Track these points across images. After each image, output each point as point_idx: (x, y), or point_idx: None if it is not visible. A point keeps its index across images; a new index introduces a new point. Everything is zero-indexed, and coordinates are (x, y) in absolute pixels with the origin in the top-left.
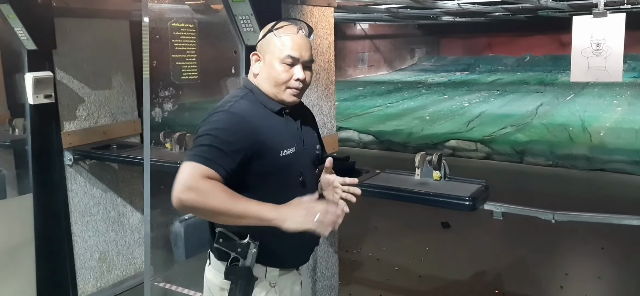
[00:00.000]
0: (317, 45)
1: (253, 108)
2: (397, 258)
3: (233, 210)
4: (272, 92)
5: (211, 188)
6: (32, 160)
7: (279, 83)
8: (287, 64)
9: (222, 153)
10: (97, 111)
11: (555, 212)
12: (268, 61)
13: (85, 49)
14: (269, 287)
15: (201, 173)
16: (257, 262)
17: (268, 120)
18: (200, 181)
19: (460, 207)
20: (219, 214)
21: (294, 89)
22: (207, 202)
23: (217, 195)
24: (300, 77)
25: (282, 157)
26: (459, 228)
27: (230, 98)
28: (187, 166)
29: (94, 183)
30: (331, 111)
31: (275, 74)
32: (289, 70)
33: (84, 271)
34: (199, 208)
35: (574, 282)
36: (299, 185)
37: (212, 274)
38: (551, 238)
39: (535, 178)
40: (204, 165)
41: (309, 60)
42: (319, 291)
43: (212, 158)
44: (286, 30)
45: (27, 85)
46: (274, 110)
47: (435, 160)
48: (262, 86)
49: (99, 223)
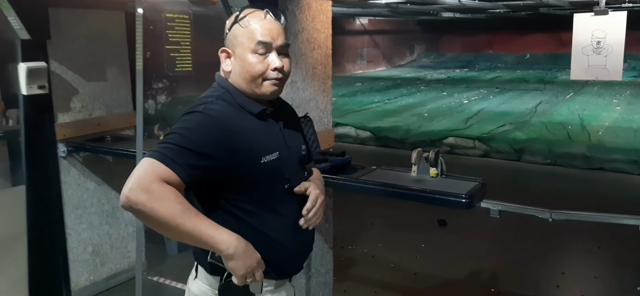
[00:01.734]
0: (315, 39)
1: (230, 111)
2: (393, 255)
3: (183, 227)
4: (249, 89)
5: (165, 194)
6: (25, 151)
7: (255, 77)
8: (259, 53)
9: (187, 154)
10: (91, 103)
11: (552, 211)
12: (239, 55)
13: (80, 40)
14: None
15: (159, 173)
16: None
17: (247, 124)
18: (155, 183)
19: (457, 205)
20: (165, 226)
21: (273, 80)
22: (156, 210)
23: (169, 204)
24: (277, 65)
25: (264, 164)
26: (456, 226)
27: (206, 97)
28: (146, 162)
29: (88, 175)
30: (327, 106)
31: (248, 68)
32: (264, 60)
33: (77, 264)
34: (146, 214)
35: (571, 281)
36: (286, 192)
37: (200, 288)
38: (548, 236)
39: (533, 177)
40: (163, 164)
41: (284, 45)
42: (313, 288)
43: (175, 158)
44: (253, 17)
45: (20, 76)
46: (254, 112)
47: (432, 157)
48: (238, 84)
49: (92, 216)
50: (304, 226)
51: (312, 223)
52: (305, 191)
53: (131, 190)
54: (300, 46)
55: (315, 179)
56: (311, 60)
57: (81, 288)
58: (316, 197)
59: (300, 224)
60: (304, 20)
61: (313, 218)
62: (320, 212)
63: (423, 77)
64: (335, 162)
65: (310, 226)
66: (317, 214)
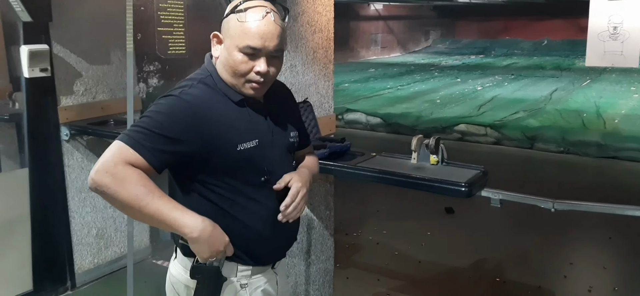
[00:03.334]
0: (316, 22)
1: (209, 95)
2: (398, 242)
3: (145, 209)
4: (230, 82)
5: (128, 176)
6: (27, 134)
7: (237, 75)
8: (247, 54)
9: (156, 138)
10: (95, 86)
11: (555, 201)
12: (227, 46)
13: (82, 23)
14: (239, 288)
15: (124, 156)
16: (228, 260)
17: (225, 110)
18: (119, 165)
19: (456, 193)
20: (128, 208)
21: (254, 83)
22: (119, 192)
23: (132, 186)
24: (261, 70)
25: (240, 152)
26: (463, 214)
27: (188, 80)
28: (114, 146)
29: (91, 159)
30: (329, 91)
31: (232, 64)
32: (249, 62)
33: (80, 247)
34: (110, 196)
35: (578, 272)
36: (261, 186)
37: (177, 270)
38: (557, 226)
39: (544, 165)
40: (130, 147)
41: (276, 50)
42: (312, 274)
43: (142, 142)
44: (250, 14)
45: (22, 58)
46: (234, 100)
47: (433, 143)
48: (221, 72)
49: (96, 199)
50: (283, 221)
51: (292, 217)
52: (287, 185)
53: (96, 172)
54: (300, 29)
55: (303, 169)
56: (312, 43)
57: (85, 271)
58: (297, 191)
59: (279, 219)
60: (304, 3)
61: (292, 213)
62: (301, 206)
63: (437, 63)
64: (333, 149)
65: (290, 219)
66: (296, 208)
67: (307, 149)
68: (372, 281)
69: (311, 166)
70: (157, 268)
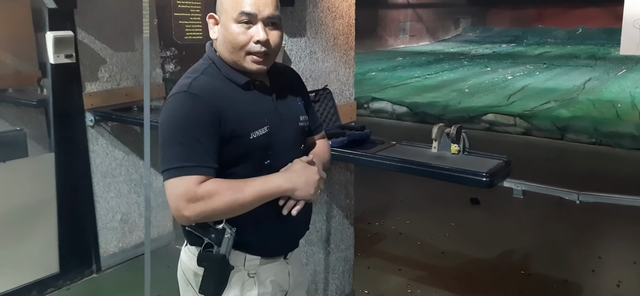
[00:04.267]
0: (337, 7)
1: (215, 85)
2: (421, 232)
3: (245, 200)
4: (232, 60)
5: (212, 191)
6: (53, 119)
7: (237, 48)
8: (243, 22)
9: (200, 147)
10: (119, 73)
11: (580, 193)
12: (223, 22)
13: (107, 9)
14: (247, 277)
15: (193, 183)
16: (236, 249)
17: (234, 96)
18: (195, 190)
19: (476, 184)
20: (231, 211)
21: (255, 55)
22: (216, 207)
23: (222, 195)
24: (260, 38)
25: (253, 140)
26: (489, 204)
27: (191, 73)
28: (175, 183)
29: (116, 145)
30: (350, 78)
31: (230, 38)
32: (247, 31)
33: (105, 232)
34: (211, 215)
35: (607, 266)
36: (265, 170)
37: (188, 257)
38: (586, 218)
39: (575, 156)
40: (190, 175)
41: (272, 16)
42: (332, 263)
43: (194, 163)
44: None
45: (47, 45)
46: (239, 83)
47: (454, 132)
48: (222, 54)
49: (121, 184)
50: (285, 213)
51: (297, 206)
52: None
53: (185, 209)
54: (320, 15)
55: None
56: (332, 30)
57: (110, 255)
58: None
59: (283, 213)
60: None
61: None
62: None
63: (467, 52)
64: (353, 136)
65: (294, 212)
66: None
67: (319, 135)
68: (394, 271)
69: (321, 153)
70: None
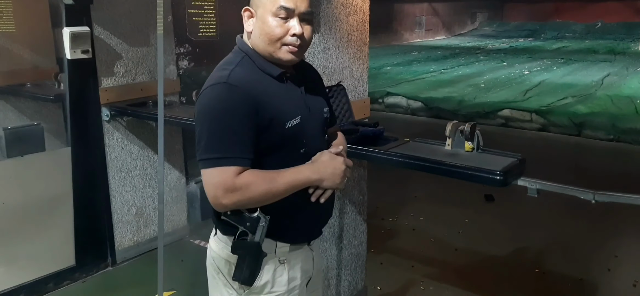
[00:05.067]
0: (351, 3)
1: (252, 77)
2: (434, 229)
3: (276, 190)
4: (267, 52)
5: (247, 182)
6: (70, 114)
7: (274, 40)
8: (280, 17)
9: (238, 138)
10: (134, 68)
11: (596, 192)
12: (260, 16)
13: (123, 5)
14: (278, 263)
15: (231, 173)
16: (268, 237)
17: (269, 88)
18: (231, 181)
19: (490, 182)
20: (264, 200)
21: (291, 46)
22: (251, 196)
23: (256, 185)
24: (296, 32)
25: (288, 129)
26: (503, 201)
27: (226, 65)
28: (213, 173)
29: (131, 139)
30: (363, 74)
31: (268, 30)
32: (284, 25)
33: (121, 225)
34: (246, 204)
35: (624, 265)
36: (301, 158)
37: (218, 246)
38: (603, 217)
39: (593, 153)
40: (228, 166)
41: (307, 13)
42: (344, 259)
43: (233, 154)
44: None
45: (64, 40)
46: (274, 74)
47: (468, 130)
48: (257, 46)
49: (136, 179)
50: (313, 200)
51: (325, 194)
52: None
53: (223, 198)
54: (334, 11)
55: (338, 144)
56: (346, 25)
57: (125, 248)
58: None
59: (312, 200)
60: None
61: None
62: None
63: (484, 47)
64: (366, 133)
65: (322, 199)
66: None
67: (334, 127)
68: (407, 268)
69: (342, 143)
70: (193, 247)
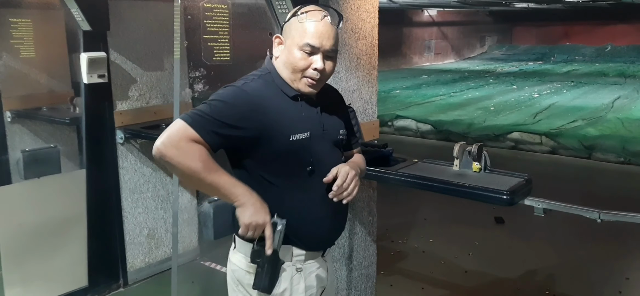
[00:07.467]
0: (360, 29)
1: (267, 90)
2: (444, 251)
3: (204, 180)
4: (289, 78)
5: (190, 151)
6: (85, 137)
7: (296, 71)
8: (305, 51)
9: (213, 123)
10: (148, 92)
11: (601, 211)
12: (288, 46)
13: (138, 31)
14: (295, 272)
15: (188, 134)
16: (284, 243)
17: (280, 102)
18: (183, 141)
19: (497, 202)
20: (188, 178)
21: (310, 79)
22: (182, 163)
23: (194, 160)
24: (318, 67)
25: (292, 142)
26: (514, 224)
27: (249, 75)
28: (178, 123)
29: (144, 161)
30: (372, 97)
31: (293, 60)
32: (307, 59)
33: (133, 247)
34: (175, 166)
35: (635, 288)
36: (306, 176)
37: (237, 258)
38: (614, 238)
39: (603, 175)
40: (192, 127)
41: (331, 50)
42: (354, 280)
43: (204, 125)
44: (310, 16)
45: (81, 65)
46: (289, 95)
47: (475, 150)
48: (281, 70)
49: (148, 200)
50: (334, 198)
51: (344, 196)
52: (335, 176)
53: (163, 144)
54: (344, 36)
55: (353, 162)
56: (355, 50)
57: (137, 270)
58: (346, 173)
59: (330, 196)
60: (348, 10)
61: (344, 192)
62: (353, 186)
63: (493, 70)
64: (375, 154)
65: (344, 200)
66: (348, 188)
67: (355, 150)
68: (416, 290)
69: (358, 161)
70: (204, 268)
